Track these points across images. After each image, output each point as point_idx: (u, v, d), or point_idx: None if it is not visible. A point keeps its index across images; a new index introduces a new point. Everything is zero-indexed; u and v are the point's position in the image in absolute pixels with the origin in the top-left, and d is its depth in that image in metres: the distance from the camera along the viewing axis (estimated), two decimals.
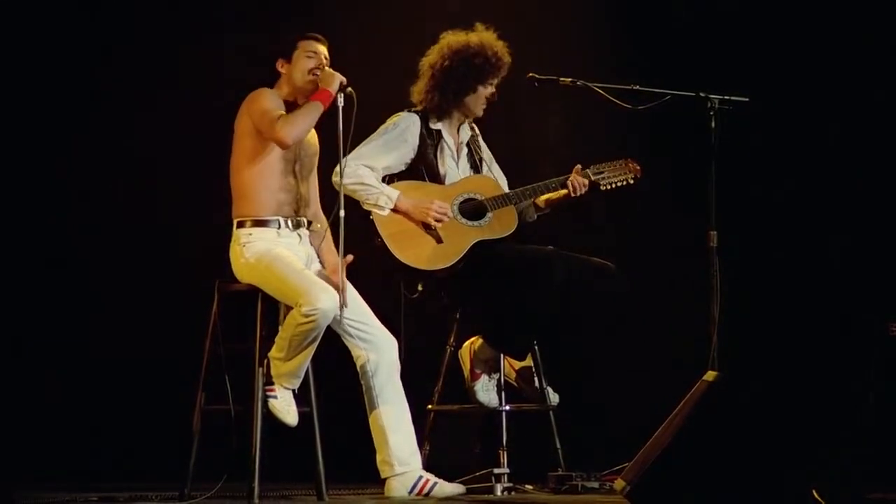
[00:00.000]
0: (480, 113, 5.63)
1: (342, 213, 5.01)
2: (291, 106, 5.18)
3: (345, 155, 5.09)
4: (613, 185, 5.63)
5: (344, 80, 5.11)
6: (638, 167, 5.66)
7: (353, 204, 5.12)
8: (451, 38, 5.58)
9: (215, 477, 5.11)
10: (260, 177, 5.14)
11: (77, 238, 6.64)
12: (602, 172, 5.62)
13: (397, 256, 5.38)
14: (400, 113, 5.61)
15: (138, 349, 6.53)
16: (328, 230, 5.18)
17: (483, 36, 5.55)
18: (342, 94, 5.08)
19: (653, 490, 4.38)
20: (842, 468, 5.06)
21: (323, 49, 5.24)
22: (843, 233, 6.50)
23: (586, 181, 5.58)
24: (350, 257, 5.08)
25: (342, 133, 5.05)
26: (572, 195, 5.57)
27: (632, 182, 5.65)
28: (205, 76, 6.61)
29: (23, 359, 6.49)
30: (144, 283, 6.63)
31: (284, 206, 5.17)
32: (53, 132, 6.61)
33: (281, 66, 5.24)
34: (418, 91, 5.60)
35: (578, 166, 5.61)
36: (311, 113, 5.08)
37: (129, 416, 6.53)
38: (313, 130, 5.27)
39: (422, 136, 5.56)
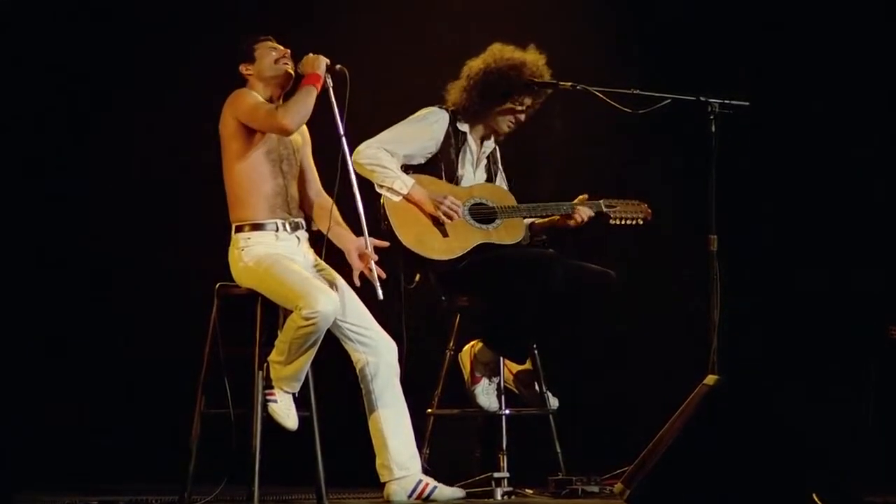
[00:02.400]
0: (507, 129, 5.60)
1: (357, 192, 5.03)
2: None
3: (343, 132, 5.09)
4: (623, 221, 5.65)
5: (328, 60, 5.12)
6: (649, 210, 5.67)
7: (363, 189, 5.12)
8: (500, 47, 5.57)
9: (215, 481, 5.10)
10: (251, 181, 5.13)
11: (77, 241, 6.63)
12: (615, 207, 5.63)
13: (403, 241, 5.39)
14: (431, 107, 5.61)
15: (138, 352, 6.52)
16: (334, 207, 5.19)
17: (532, 55, 5.54)
18: (330, 75, 5.10)
19: (653, 494, 4.39)
20: (841, 471, 5.06)
21: (280, 46, 5.26)
22: (843, 236, 6.51)
23: (592, 213, 5.57)
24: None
25: (336, 110, 5.07)
26: (575, 222, 5.56)
27: (640, 223, 5.67)
28: (206, 78, 6.60)
29: (22, 361, 6.48)
30: (144, 287, 6.62)
31: (278, 209, 5.16)
32: (53, 136, 6.60)
33: (246, 69, 5.23)
34: (455, 89, 5.60)
35: (584, 196, 5.61)
36: (307, 97, 5.07)
37: (128, 419, 6.52)
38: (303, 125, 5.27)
39: (447, 133, 5.55)
